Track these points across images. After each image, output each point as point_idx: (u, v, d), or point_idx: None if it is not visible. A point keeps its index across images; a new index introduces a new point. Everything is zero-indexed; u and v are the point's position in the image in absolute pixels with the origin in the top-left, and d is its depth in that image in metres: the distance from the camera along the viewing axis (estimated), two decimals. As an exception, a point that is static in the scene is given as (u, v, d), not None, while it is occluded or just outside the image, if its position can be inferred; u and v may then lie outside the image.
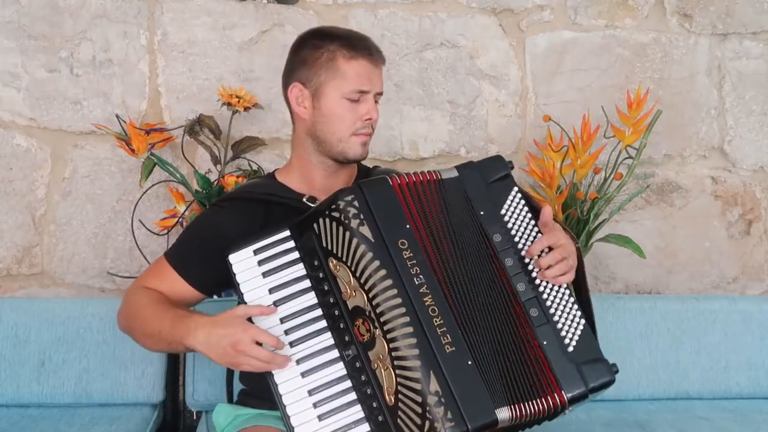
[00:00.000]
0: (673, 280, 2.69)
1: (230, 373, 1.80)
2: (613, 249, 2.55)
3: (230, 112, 2.35)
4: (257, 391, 1.71)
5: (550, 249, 1.50)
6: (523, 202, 1.55)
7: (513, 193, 1.55)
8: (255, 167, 2.42)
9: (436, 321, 1.42)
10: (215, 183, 2.32)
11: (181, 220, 2.32)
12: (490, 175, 1.56)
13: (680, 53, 2.67)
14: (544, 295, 1.49)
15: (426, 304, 1.42)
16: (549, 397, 1.43)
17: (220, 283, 1.70)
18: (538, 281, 1.49)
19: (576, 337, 1.47)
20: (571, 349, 1.46)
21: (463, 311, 1.45)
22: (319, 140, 1.69)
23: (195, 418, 2.27)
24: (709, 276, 2.71)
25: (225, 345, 1.46)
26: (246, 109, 2.35)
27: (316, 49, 1.67)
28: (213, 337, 1.47)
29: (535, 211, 1.55)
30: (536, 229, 1.53)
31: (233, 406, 1.74)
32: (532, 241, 1.51)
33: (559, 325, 1.47)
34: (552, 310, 1.48)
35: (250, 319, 1.50)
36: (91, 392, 2.16)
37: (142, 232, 2.41)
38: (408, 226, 1.48)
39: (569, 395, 1.43)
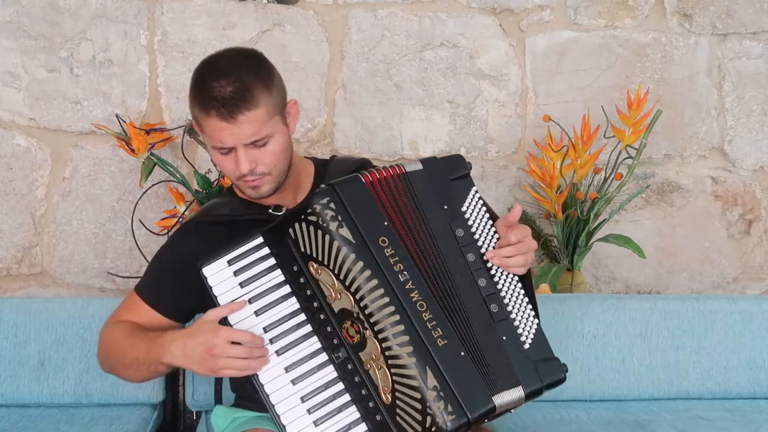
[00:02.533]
0: (673, 280, 2.69)
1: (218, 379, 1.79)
2: (613, 249, 2.55)
3: (230, 112, 2.35)
4: (251, 396, 1.69)
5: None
6: (481, 202, 1.56)
7: (472, 192, 1.55)
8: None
9: (425, 315, 1.42)
10: (215, 183, 2.33)
11: (180, 220, 2.32)
12: (451, 173, 1.56)
13: (680, 53, 2.67)
14: (502, 293, 1.50)
15: (413, 299, 1.43)
16: (513, 390, 1.44)
17: (194, 309, 1.68)
18: (496, 278, 1.50)
19: (531, 335, 1.48)
20: (527, 346, 1.47)
21: (448, 302, 1.45)
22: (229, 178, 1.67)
23: (195, 418, 2.27)
24: (709, 276, 2.71)
25: (201, 352, 1.45)
26: (246, 109, 2.34)
27: (190, 91, 1.59)
28: (188, 347, 1.47)
29: (491, 213, 1.57)
30: (494, 229, 1.54)
31: (231, 409, 1.74)
32: (491, 239, 1.52)
33: (516, 323, 1.48)
34: (509, 308, 1.49)
35: (225, 323, 1.49)
36: (91, 392, 2.16)
37: (142, 232, 2.41)
38: (386, 223, 1.47)
39: (527, 390, 1.44)
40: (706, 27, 2.67)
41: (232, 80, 1.52)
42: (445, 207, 1.52)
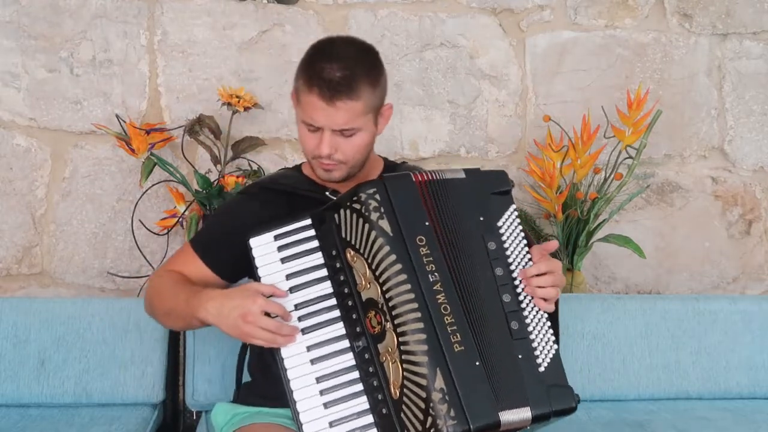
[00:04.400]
0: (673, 280, 2.69)
1: (241, 360, 1.80)
2: (613, 249, 2.55)
3: (230, 112, 2.35)
4: (260, 385, 1.72)
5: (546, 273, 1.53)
6: (518, 220, 1.57)
7: (511, 209, 1.57)
8: (255, 167, 2.42)
9: (447, 319, 1.43)
10: (215, 183, 2.32)
11: (181, 220, 2.32)
12: (493, 186, 1.58)
13: (680, 53, 2.67)
14: (525, 312, 1.50)
15: (439, 301, 1.44)
16: (521, 410, 1.43)
17: (239, 269, 1.71)
18: (521, 297, 1.51)
19: (548, 359, 1.48)
20: (542, 369, 1.47)
21: (472, 312, 1.46)
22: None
23: (195, 418, 2.27)
24: (709, 276, 2.71)
25: (235, 316, 1.49)
26: (246, 109, 2.35)
27: (301, 63, 1.65)
28: (224, 308, 1.50)
29: (527, 236, 1.58)
30: (526, 249, 1.55)
31: (232, 405, 1.75)
32: (522, 258, 1.54)
33: (534, 344, 1.48)
34: (530, 329, 1.49)
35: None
36: (91, 392, 2.16)
37: (142, 232, 2.41)
38: (427, 223, 1.49)
39: (534, 413, 1.43)
40: (706, 27, 2.67)
41: (344, 68, 1.57)
42: (481, 218, 1.54)
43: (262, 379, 1.72)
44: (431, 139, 2.58)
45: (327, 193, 1.70)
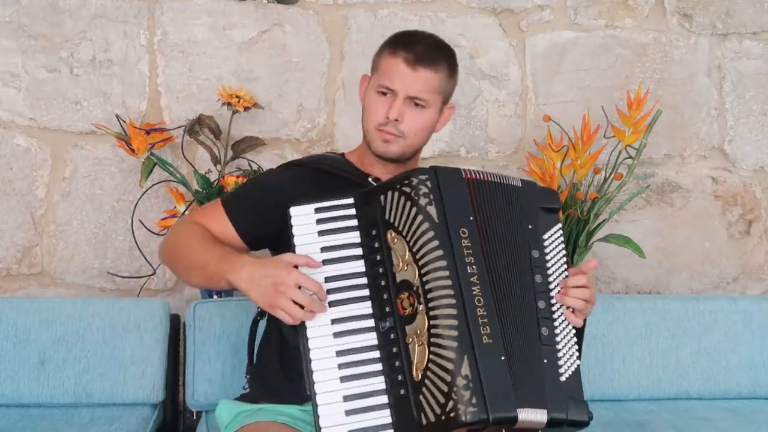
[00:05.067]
0: (673, 280, 2.69)
1: (252, 335, 1.78)
2: (613, 249, 2.55)
3: (230, 112, 2.35)
4: (269, 374, 1.71)
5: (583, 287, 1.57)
6: (562, 238, 1.61)
7: (557, 226, 1.62)
8: (255, 167, 2.42)
9: (479, 311, 1.45)
10: (215, 183, 2.32)
11: (180, 220, 2.32)
12: (544, 202, 1.63)
13: (680, 53, 2.67)
14: (555, 322, 1.54)
15: (473, 293, 1.46)
16: (538, 411, 1.45)
17: (265, 238, 1.72)
18: (554, 308, 1.54)
19: (569, 371, 1.51)
20: (563, 378, 1.49)
21: (503, 309, 1.48)
22: (363, 129, 1.76)
23: (195, 418, 2.26)
24: (709, 276, 2.71)
25: (267, 284, 1.48)
26: (246, 109, 2.35)
27: (383, 44, 1.75)
28: (257, 275, 1.50)
29: (566, 255, 1.64)
30: (565, 266, 1.60)
31: (236, 403, 1.74)
32: (561, 272, 1.58)
33: (560, 354, 1.51)
34: (558, 338, 1.52)
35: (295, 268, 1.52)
36: (91, 392, 2.16)
37: (142, 232, 2.41)
38: (471, 218, 1.52)
39: (551, 416, 1.45)
40: (706, 27, 2.67)
41: (430, 44, 1.72)
42: (530, 227, 1.58)
43: (275, 372, 1.71)
44: (431, 139, 2.57)
45: (370, 179, 1.73)
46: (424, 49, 1.69)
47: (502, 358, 1.43)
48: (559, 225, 1.62)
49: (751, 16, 2.69)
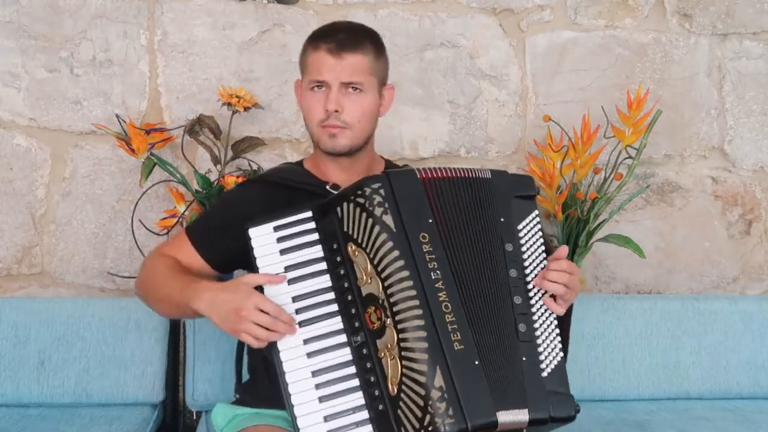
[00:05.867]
0: (673, 280, 2.69)
1: (239, 354, 1.79)
2: (613, 249, 2.55)
3: (230, 112, 2.35)
4: (260, 385, 1.71)
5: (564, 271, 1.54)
6: (539, 226, 1.57)
7: (533, 214, 1.57)
8: (255, 167, 2.42)
9: (448, 317, 1.42)
10: (215, 183, 2.32)
11: (181, 220, 2.32)
12: (517, 190, 1.58)
13: (680, 53, 2.67)
14: (534, 317, 1.50)
15: (440, 299, 1.43)
16: (519, 412, 1.43)
17: (233, 261, 1.72)
18: (533, 301, 1.51)
19: (552, 366, 1.48)
20: (545, 374, 1.47)
21: (473, 311, 1.46)
22: (308, 132, 1.76)
23: (195, 418, 2.27)
24: (709, 276, 2.71)
25: (228, 309, 1.48)
26: (246, 109, 2.35)
27: (303, 45, 1.75)
28: (218, 301, 1.50)
29: (546, 243, 1.58)
30: (544, 255, 1.56)
31: (231, 406, 1.75)
32: (539, 263, 1.54)
33: (540, 348, 1.48)
34: (537, 333, 1.49)
35: (261, 290, 1.51)
36: (91, 392, 2.16)
37: (142, 232, 2.41)
38: (430, 221, 1.49)
39: (532, 416, 1.43)
40: (706, 27, 2.67)
41: (348, 32, 1.71)
42: (502, 219, 1.54)
43: (263, 379, 1.71)
44: (431, 139, 2.58)
45: (327, 187, 1.71)
46: (344, 35, 1.69)
47: (476, 362, 1.41)
48: (536, 212, 1.58)
49: (751, 16, 2.69)
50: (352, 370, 1.48)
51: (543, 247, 1.56)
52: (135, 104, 2.46)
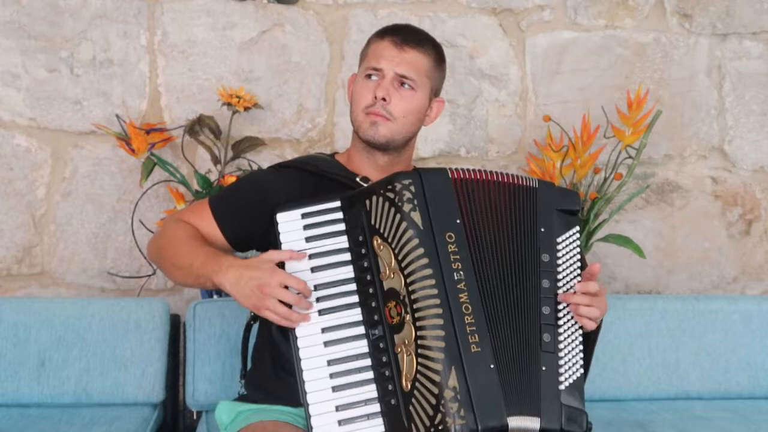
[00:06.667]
0: (673, 280, 2.69)
1: (245, 341, 1.78)
2: (613, 249, 2.55)
3: (230, 112, 2.35)
4: (265, 377, 1.70)
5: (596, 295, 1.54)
6: (578, 242, 1.57)
7: (574, 230, 1.57)
8: (255, 167, 2.42)
9: (467, 319, 1.43)
10: (215, 183, 2.33)
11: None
12: (562, 203, 1.58)
13: (680, 53, 2.67)
14: (560, 329, 1.50)
15: (461, 300, 1.43)
16: (531, 419, 1.43)
17: (250, 240, 1.72)
18: (560, 314, 1.51)
19: (570, 380, 1.48)
20: (562, 387, 1.47)
21: (494, 315, 1.46)
22: (351, 121, 1.75)
23: (195, 418, 2.26)
24: (709, 276, 2.71)
25: (252, 286, 1.48)
26: (246, 109, 2.35)
27: (369, 38, 1.76)
28: (243, 278, 1.49)
29: (582, 261, 1.58)
30: (579, 272, 1.55)
31: (235, 403, 1.74)
32: (573, 279, 1.54)
33: (561, 362, 1.48)
34: (561, 345, 1.49)
35: (281, 264, 1.51)
36: (91, 392, 2.16)
37: (142, 232, 2.41)
38: (458, 221, 1.49)
39: (544, 425, 1.43)
40: (706, 27, 2.67)
41: (415, 32, 1.74)
42: (542, 230, 1.54)
43: (270, 374, 1.70)
44: (431, 139, 2.58)
45: (358, 179, 1.70)
46: (412, 34, 1.71)
47: (492, 366, 1.41)
48: (577, 228, 1.57)
49: (751, 16, 2.69)
50: (368, 362, 1.48)
51: (579, 264, 1.56)
52: (135, 104, 2.46)
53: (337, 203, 1.56)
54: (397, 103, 1.67)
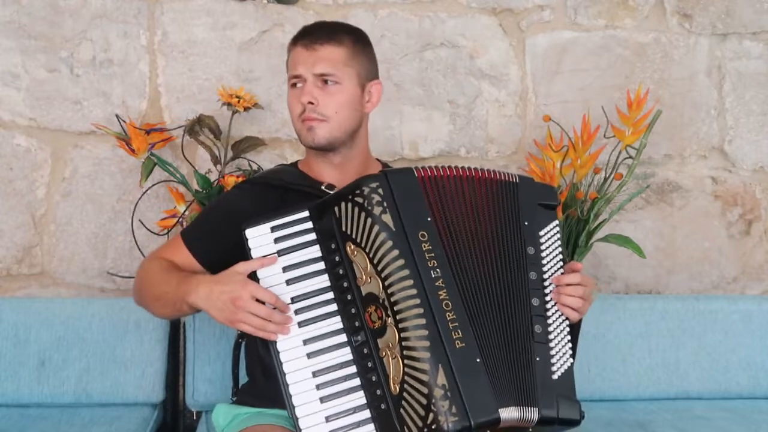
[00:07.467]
0: (673, 280, 2.69)
1: (236, 358, 1.79)
2: (613, 249, 2.55)
3: (230, 112, 2.35)
4: (260, 386, 1.71)
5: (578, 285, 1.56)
6: (559, 235, 1.59)
7: (554, 223, 1.59)
8: (255, 167, 2.42)
9: (448, 315, 1.43)
10: (215, 183, 2.33)
11: (181, 220, 2.32)
12: (542, 198, 1.60)
13: (680, 53, 2.67)
14: (549, 320, 1.52)
15: (440, 297, 1.43)
16: (527, 409, 1.44)
17: (228, 262, 1.69)
18: (549, 305, 1.53)
19: (562, 369, 1.49)
20: (555, 377, 1.48)
21: (475, 309, 1.46)
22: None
23: (195, 418, 2.27)
24: (709, 276, 2.71)
25: (225, 300, 1.49)
26: (246, 109, 2.35)
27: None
28: (213, 293, 1.51)
29: (563, 252, 1.60)
30: (562, 263, 1.57)
31: (232, 406, 1.74)
32: (557, 269, 1.56)
33: (552, 352, 1.49)
34: (551, 336, 1.50)
35: (255, 279, 1.51)
36: (91, 392, 2.16)
37: (142, 232, 2.41)
38: (429, 219, 1.49)
39: (542, 414, 1.44)
40: (706, 27, 2.67)
41: (325, 28, 1.73)
42: (526, 223, 1.56)
43: (262, 380, 1.71)
44: (431, 139, 2.58)
45: (323, 187, 1.70)
46: (320, 31, 1.71)
47: (477, 360, 1.41)
48: (556, 222, 1.60)
49: (751, 16, 2.69)
50: (353, 369, 1.48)
51: (561, 256, 1.58)
52: (135, 104, 2.46)
53: (306, 213, 1.55)
54: (325, 102, 1.67)
